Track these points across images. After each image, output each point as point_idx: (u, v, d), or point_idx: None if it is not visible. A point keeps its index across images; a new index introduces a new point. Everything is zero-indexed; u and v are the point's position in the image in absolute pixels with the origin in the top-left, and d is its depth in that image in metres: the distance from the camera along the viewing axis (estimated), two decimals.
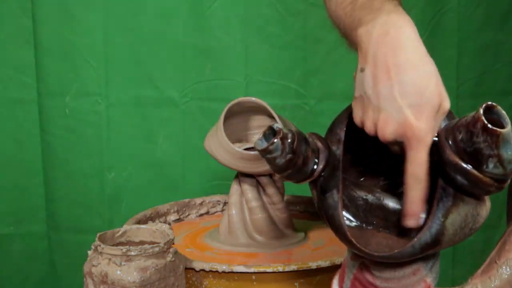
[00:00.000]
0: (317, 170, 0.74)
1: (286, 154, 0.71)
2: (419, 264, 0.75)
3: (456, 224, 0.68)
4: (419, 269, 0.75)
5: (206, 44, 1.76)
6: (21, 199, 1.83)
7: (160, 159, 1.81)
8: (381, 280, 0.77)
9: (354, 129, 0.76)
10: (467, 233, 0.69)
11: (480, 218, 0.70)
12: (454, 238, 0.69)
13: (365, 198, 0.78)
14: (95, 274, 0.96)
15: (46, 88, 1.77)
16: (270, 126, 0.71)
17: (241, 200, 1.25)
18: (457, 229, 0.68)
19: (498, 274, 0.73)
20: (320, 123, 1.78)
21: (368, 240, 0.75)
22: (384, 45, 0.69)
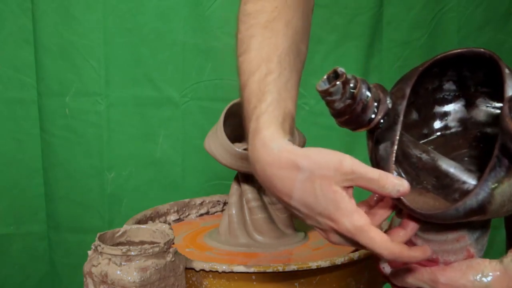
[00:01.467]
0: (374, 120, 0.73)
1: (346, 99, 0.71)
2: (465, 232, 0.74)
3: (505, 195, 0.66)
4: (464, 236, 0.74)
5: (206, 44, 1.76)
6: (21, 199, 1.83)
7: (160, 159, 1.81)
8: (422, 240, 0.76)
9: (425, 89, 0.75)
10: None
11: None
12: (501, 209, 0.67)
13: (420, 156, 0.76)
14: (95, 274, 0.96)
15: (46, 88, 1.77)
16: (334, 69, 0.71)
17: (241, 200, 1.25)
18: (505, 201, 0.67)
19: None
20: (320, 123, 1.79)
21: (415, 198, 0.74)
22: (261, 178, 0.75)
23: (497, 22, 1.78)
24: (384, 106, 0.73)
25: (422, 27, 1.74)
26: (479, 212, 0.67)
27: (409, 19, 1.78)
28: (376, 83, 0.74)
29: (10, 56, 1.77)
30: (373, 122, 0.73)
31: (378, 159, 0.74)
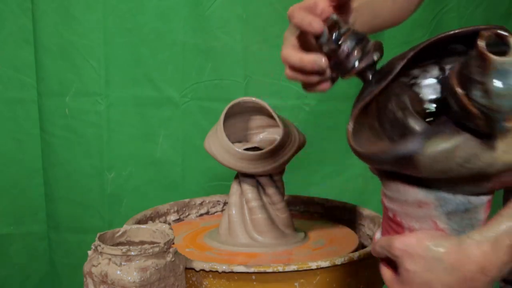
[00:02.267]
0: (355, 69, 0.78)
1: (331, 44, 0.77)
2: (426, 198, 0.72)
3: (438, 150, 0.65)
4: (428, 204, 0.72)
5: (206, 44, 1.76)
6: (21, 199, 1.83)
7: (160, 159, 1.81)
8: (388, 199, 0.75)
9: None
10: (454, 167, 0.66)
11: (478, 161, 0.65)
12: (436, 165, 0.66)
13: (394, 114, 0.75)
14: (95, 274, 0.96)
15: (46, 88, 1.77)
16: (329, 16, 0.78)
17: (241, 200, 1.25)
18: (438, 156, 0.65)
19: (497, 224, 0.69)
20: (320, 123, 1.78)
21: (367, 142, 0.75)
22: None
23: (497, 22, 1.78)
24: (369, 58, 0.76)
25: (423, 27, 1.74)
26: (408, 161, 0.66)
27: (409, 18, 1.76)
28: (377, 41, 0.78)
29: (10, 56, 1.77)
30: (354, 70, 0.78)
31: (357, 97, 0.80)
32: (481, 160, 0.65)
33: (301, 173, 1.79)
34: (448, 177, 0.68)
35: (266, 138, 1.27)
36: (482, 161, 0.65)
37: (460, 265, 0.69)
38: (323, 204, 1.42)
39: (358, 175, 1.78)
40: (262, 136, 1.28)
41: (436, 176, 0.68)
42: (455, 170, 0.66)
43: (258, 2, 1.73)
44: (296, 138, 1.20)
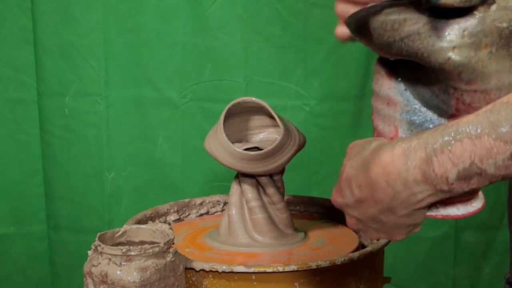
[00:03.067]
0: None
1: None
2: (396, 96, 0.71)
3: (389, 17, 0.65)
4: (394, 102, 0.71)
5: (206, 45, 1.76)
6: (21, 199, 1.83)
7: (160, 160, 1.81)
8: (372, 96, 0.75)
9: None
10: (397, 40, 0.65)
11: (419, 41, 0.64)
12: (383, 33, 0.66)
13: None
14: (95, 274, 0.96)
15: (46, 88, 1.77)
16: None
17: (241, 200, 1.25)
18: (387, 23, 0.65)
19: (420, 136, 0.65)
20: (320, 124, 1.78)
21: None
22: None
23: None
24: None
25: None
26: (364, 24, 0.67)
27: None
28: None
29: (10, 56, 1.77)
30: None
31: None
32: (422, 42, 0.65)
33: (301, 173, 1.79)
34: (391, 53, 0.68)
35: (266, 138, 1.27)
36: (423, 43, 0.65)
37: (370, 164, 0.67)
38: (323, 204, 1.42)
39: None
40: (262, 136, 1.28)
41: (382, 50, 0.69)
42: (397, 45, 0.66)
43: (258, 2, 1.73)
44: (296, 138, 1.20)
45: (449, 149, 0.62)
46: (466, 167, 0.62)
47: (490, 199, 1.98)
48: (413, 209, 0.67)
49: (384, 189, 0.67)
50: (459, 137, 0.62)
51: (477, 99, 0.66)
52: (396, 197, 0.66)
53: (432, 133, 0.64)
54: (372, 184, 0.68)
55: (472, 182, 0.63)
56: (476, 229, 1.84)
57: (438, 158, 0.63)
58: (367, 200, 0.69)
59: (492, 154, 0.61)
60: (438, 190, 0.64)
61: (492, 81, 0.65)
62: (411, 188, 0.65)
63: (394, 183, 0.66)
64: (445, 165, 0.63)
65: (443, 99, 0.69)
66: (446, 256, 1.85)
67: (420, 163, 0.64)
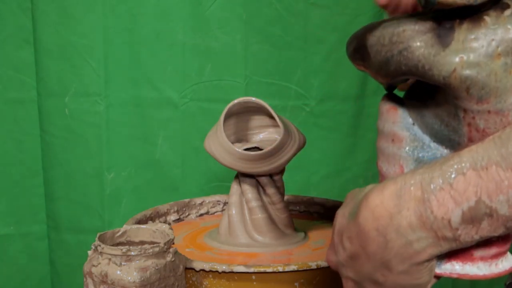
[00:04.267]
0: None
1: None
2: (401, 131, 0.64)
3: (386, 30, 0.60)
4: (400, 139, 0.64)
5: (206, 44, 1.76)
6: (21, 199, 1.83)
7: (160, 160, 1.81)
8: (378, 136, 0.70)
9: None
10: (395, 54, 0.59)
11: (411, 53, 0.57)
12: (381, 48, 0.60)
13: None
14: (95, 274, 0.96)
15: (46, 88, 1.77)
16: None
17: (241, 200, 1.25)
18: (384, 36, 0.60)
19: (415, 172, 0.55)
20: (320, 124, 1.78)
21: None
22: None
23: None
24: None
25: None
26: (360, 45, 0.62)
27: None
28: None
29: (10, 56, 1.77)
30: None
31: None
32: (423, 52, 0.57)
33: (301, 173, 1.79)
34: (390, 72, 0.60)
35: (266, 138, 1.27)
36: (424, 54, 0.57)
37: (360, 209, 0.57)
38: (323, 204, 1.42)
39: (359, 175, 1.78)
40: (262, 136, 1.28)
41: (381, 72, 0.62)
42: (395, 60, 0.59)
43: (258, 2, 1.73)
44: (296, 138, 1.20)
45: (450, 184, 0.52)
46: (472, 206, 0.51)
47: None
48: (412, 264, 0.55)
49: (374, 238, 0.56)
50: (462, 170, 0.52)
51: (493, 122, 0.56)
52: (389, 247, 0.55)
53: (430, 167, 0.54)
54: (361, 233, 0.57)
55: (483, 226, 0.52)
56: None
57: (437, 196, 0.52)
58: (360, 255, 0.58)
59: (503, 188, 0.50)
60: (440, 238, 0.53)
61: (509, 99, 0.54)
62: (406, 235, 0.54)
63: (385, 230, 0.55)
64: (446, 204, 0.52)
65: (454, 127, 0.60)
66: None
67: (415, 204, 0.53)
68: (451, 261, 0.59)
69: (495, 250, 0.60)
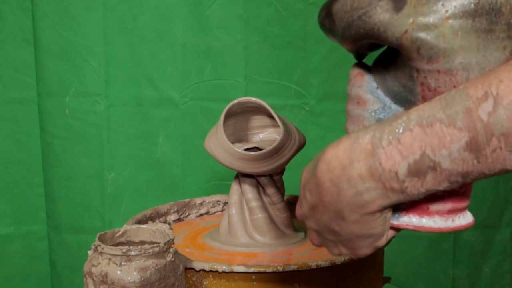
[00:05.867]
0: None
1: None
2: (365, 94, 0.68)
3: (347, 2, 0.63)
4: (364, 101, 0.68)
5: (206, 44, 1.76)
6: (21, 199, 1.83)
7: (160, 159, 1.81)
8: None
9: None
10: (355, 19, 0.63)
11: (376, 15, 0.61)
12: (344, 15, 0.63)
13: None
14: (95, 274, 0.96)
15: (46, 88, 1.77)
16: None
17: (241, 200, 1.25)
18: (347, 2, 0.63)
19: (368, 127, 0.60)
20: (320, 123, 1.79)
21: None
22: None
23: None
24: None
25: None
26: (327, 14, 0.65)
27: None
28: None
29: (10, 56, 1.77)
30: None
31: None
32: (379, 16, 0.60)
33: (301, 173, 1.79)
34: (352, 36, 0.65)
35: (266, 138, 1.27)
36: (379, 18, 0.60)
37: (318, 163, 0.61)
38: None
39: None
40: (262, 136, 1.28)
41: (344, 38, 0.66)
42: (355, 24, 0.63)
43: (258, 2, 1.73)
44: (296, 138, 1.20)
45: (397, 139, 0.55)
46: (417, 159, 0.54)
47: (488, 198, 2.00)
48: (363, 213, 0.59)
49: (329, 189, 0.59)
50: (409, 126, 0.55)
51: (443, 82, 0.59)
52: (342, 197, 0.59)
53: (381, 124, 0.57)
54: (318, 184, 0.61)
55: (427, 179, 0.55)
56: (476, 229, 1.84)
57: (386, 149, 0.56)
58: (318, 205, 0.62)
59: (446, 143, 0.53)
60: (389, 189, 0.56)
61: (456, 59, 0.58)
62: (356, 186, 0.57)
63: (338, 180, 0.58)
64: (393, 157, 0.55)
65: (410, 87, 0.63)
66: (446, 256, 1.85)
67: (365, 156, 0.57)
68: (408, 214, 0.62)
69: (451, 206, 0.63)
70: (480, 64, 0.58)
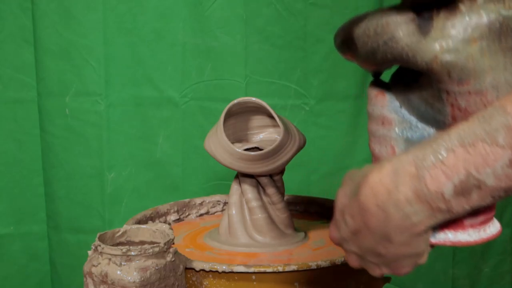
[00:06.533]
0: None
1: None
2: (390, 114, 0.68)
3: (371, 23, 0.64)
4: (389, 121, 0.68)
5: (206, 44, 1.76)
6: (21, 199, 1.83)
7: (160, 159, 1.81)
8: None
9: None
10: (380, 45, 0.63)
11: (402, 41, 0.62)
12: (367, 40, 0.64)
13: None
14: (95, 274, 0.96)
15: (46, 88, 1.77)
16: None
17: (241, 200, 1.25)
18: (369, 28, 0.64)
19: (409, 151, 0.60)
20: (320, 123, 1.79)
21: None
22: None
23: None
24: None
25: None
26: (347, 37, 0.66)
27: None
28: None
29: (10, 56, 1.77)
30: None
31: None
32: (407, 41, 0.61)
33: (301, 173, 1.79)
34: (377, 61, 0.65)
35: (266, 138, 1.27)
36: (407, 43, 0.61)
37: (360, 188, 0.62)
38: (323, 204, 1.42)
39: None
40: (262, 136, 1.28)
41: (368, 61, 0.66)
42: (381, 50, 0.63)
43: (258, 2, 1.73)
44: (296, 138, 1.21)
45: (441, 161, 0.57)
46: (462, 179, 0.56)
47: None
48: (411, 235, 0.60)
49: (375, 213, 0.60)
50: (451, 147, 0.56)
51: (473, 102, 0.60)
52: (389, 221, 0.60)
53: (422, 146, 0.59)
54: (362, 209, 0.61)
55: (472, 197, 0.57)
56: None
57: (430, 171, 0.57)
58: (362, 229, 0.63)
59: (489, 162, 0.55)
60: (435, 210, 0.58)
61: (486, 79, 0.59)
62: (404, 209, 0.59)
63: (384, 205, 0.59)
64: (439, 178, 0.57)
65: (438, 108, 0.64)
66: (446, 256, 1.85)
67: (410, 179, 0.58)
68: (444, 231, 0.64)
69: (483, 217, 0.65)
70: (508, 81, 0.60)
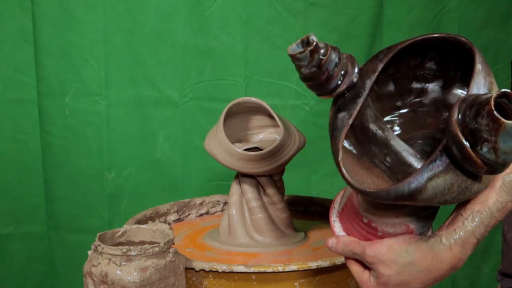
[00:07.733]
0: (337, 91, 0.76)
1: (312, 67, 0.73)
2: (404, 210, 0.76)
3: (437, 189, 0.68)
4: (402, 213, 0.77)
5: (206, 44, 1.76)
6: (21, 199, 1.83)
7: (160, 159, 1.81)
8: (363, 208, 0.79)
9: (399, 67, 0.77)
10: (448, 200, 0.70)
11: (468, 192, 0.70)
12: (432, 200, 0.69)
13: (375, 132, 0.79)
14: (95, 274, 0.96)
15: (46, 88, 1.77)
16: (307, 36, 0.74)
17: (241, 200, 1.25)
18: (437, 193, 0.68)
19: (463, 226, 0.75)
20: (320, 123, 1.79)
21: (361, 170, 0.77)
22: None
23: (497, 22, 1.78)
24: (349, 79, 0.75)
25: (423, 27, 1.74)
26: (409, 198, 0.69)
27: (409, 19, 1.78)
28: (348, 54, 0.76)
29: (10, 56, 1.77)
30: (336, 92, 0.76)
31: (333, 127, 0.78)
32: (471, 192, 0.70)
33: (301, 173, 1.79)
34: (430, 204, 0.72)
35: (266, 138, 1.27)
36: (472, 192, 0.70)
37: (435, 268, 0.77)
38: (323, 204, 1.42)
39: None
40: (262, 136, 1.28)
41: (431, 205, 0.72)
42: (449, 202, 0.70)
43: (258, 2, 1.73)
44: (296, 138, 1.21)
45: (489, 227, 0.77)
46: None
47: None
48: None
49: (451, 273, 0.79)
50: (493, 215, 0.76)
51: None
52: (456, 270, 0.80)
53: (471, 222, 0.76)
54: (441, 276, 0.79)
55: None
56: None
57: (483, 235, 0.78)
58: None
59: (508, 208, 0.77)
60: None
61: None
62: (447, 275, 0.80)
63: (459, 267, 0.79)
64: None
65: None
66: None
67: (473, 246, 0.78)
68: None
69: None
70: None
